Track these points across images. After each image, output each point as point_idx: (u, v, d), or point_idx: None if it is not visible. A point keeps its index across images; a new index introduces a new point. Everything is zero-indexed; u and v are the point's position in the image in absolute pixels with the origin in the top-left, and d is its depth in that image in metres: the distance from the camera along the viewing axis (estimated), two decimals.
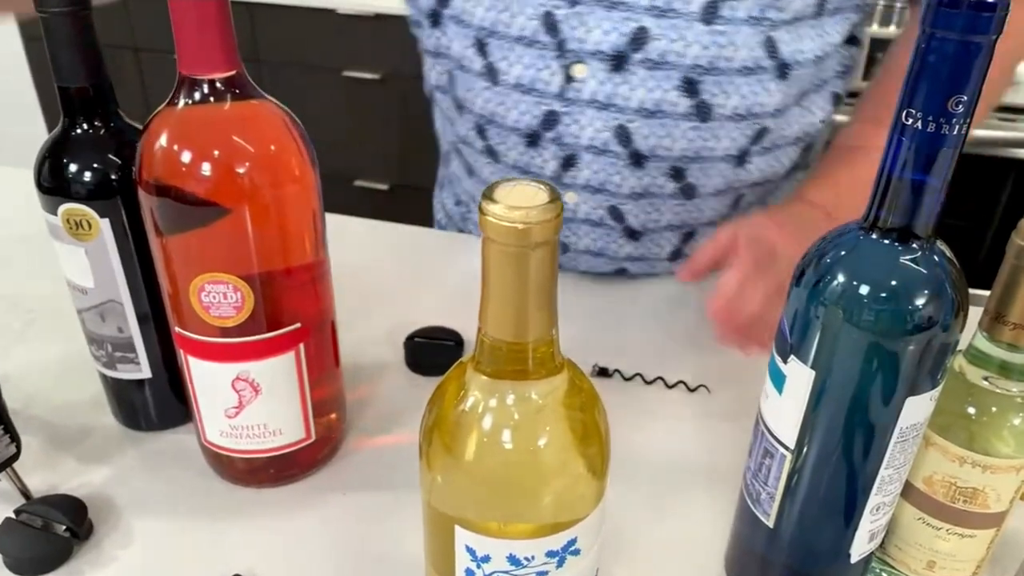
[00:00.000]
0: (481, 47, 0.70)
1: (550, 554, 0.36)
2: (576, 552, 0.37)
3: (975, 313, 0.42)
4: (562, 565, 0.37)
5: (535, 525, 0.36)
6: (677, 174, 0.72)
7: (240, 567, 0.51)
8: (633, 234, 0.76)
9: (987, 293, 0.42)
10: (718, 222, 0.77)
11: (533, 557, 0.36)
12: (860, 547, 0.44)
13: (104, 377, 0.60)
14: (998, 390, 0.43)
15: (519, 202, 0.30)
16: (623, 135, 0.69)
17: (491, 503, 0.36)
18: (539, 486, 0.36)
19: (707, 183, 0.73)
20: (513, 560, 0.36)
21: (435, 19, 0.74)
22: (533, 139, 0.72)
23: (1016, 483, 0.44)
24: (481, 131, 0.75)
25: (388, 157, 2.17)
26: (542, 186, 0.31)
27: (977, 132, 1.57)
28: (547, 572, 0.37)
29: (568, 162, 0.72)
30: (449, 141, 0.86)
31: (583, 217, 0.75)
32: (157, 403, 0.60)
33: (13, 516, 0.51)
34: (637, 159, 0.70)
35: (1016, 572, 0.49)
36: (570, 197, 0.74)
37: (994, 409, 0.43)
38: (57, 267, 0.56)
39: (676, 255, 0.79)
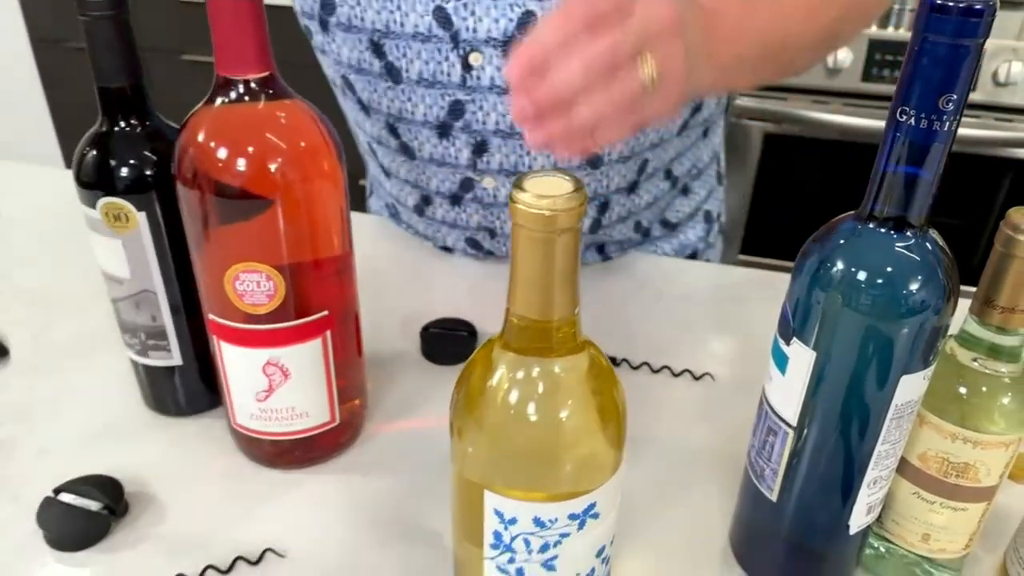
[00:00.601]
0: (377, 49, 0.71)
1: (572, 516, 0.39)
2: (596, 516, 0.40)
3: (967, 303, 0.45)
4: (583, 527, 0.40)
5: (558, 490, 0.39)
6: None
7: (270, 542, 0.54)
8: None
9: None
10: (626, 189, 0.80)
11: (556, 519, 0.39)
12: (858, 519, 0.47)
13: (136, 364, 0.63)
14: (987, 371, 0.45)
15: (546, 191, 0.33)
16: None
17: (518, 470, 0.39)
18: (562, 453, 0.38)
19: (610, 150, 0.75)
20: (538, 522, 0.39)
21: (323, 25, 0.75)
22: (444, 130, 0.74)
23: (1005, 458, 0.46)
24: (393, 129, 0.77)
25: None
26: (567, 177, 0.34)
27: (975, 132, 1.59)
28: (569, 533, 0.39)
29: (480, 148, 0.74)
30: (364, 142, 0.88)
31: (504, 200, 0.77)
32: (186, 389, 0.63)
33: (53, 495, 0.54)
34: None
35: (1007, 545, 0.52)
36: (488, 183, 0.76)
37: (984, 389, 0.45)
38: (83, 261, 0.58)
39: (596, 227, 0.82)
